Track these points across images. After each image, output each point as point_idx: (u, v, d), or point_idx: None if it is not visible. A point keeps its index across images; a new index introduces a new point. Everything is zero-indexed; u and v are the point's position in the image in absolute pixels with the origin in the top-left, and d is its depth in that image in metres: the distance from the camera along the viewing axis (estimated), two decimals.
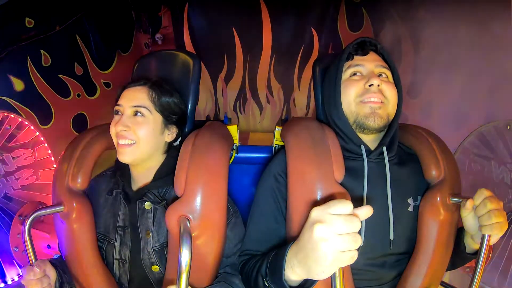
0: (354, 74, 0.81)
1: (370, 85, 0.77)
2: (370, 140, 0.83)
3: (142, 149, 0.81)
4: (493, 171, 1.31)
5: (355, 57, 0.83)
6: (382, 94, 0.78)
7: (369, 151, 0.81)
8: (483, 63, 1.37)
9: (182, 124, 0.91)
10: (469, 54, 1.43)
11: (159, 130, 0.84)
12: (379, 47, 0.84)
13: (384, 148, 0.80)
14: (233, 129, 1.05)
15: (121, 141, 0.80)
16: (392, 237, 0.76)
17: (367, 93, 0.77)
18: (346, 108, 0.81)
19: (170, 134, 0.87)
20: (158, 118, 0.84)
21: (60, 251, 0.88)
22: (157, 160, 0.86)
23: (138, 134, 0.80)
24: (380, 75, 0.80)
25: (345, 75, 0.83)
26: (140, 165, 0.85)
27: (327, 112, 0.87)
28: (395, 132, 0.83)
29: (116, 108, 0.83)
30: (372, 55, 0.83)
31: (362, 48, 0.83)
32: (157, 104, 0.83)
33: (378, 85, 0.77)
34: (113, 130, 0.82)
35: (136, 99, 0.82)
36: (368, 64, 0.81)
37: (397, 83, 0.83)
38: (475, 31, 1.39)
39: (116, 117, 0.83)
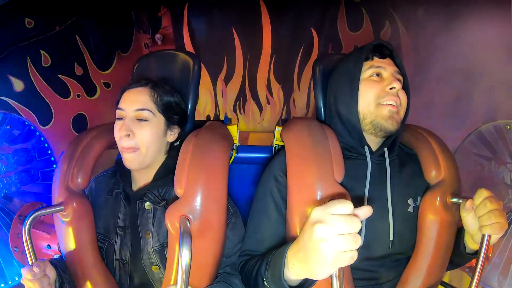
0: (376, 74, 0.81)
1: (391, 88, 0.77)
2: (373, 141, 0.83)
3: (147, 153, 0.81)
4: (493, 171, 1.30)
5: (375, 58, 0.83)
6: (399, 99, 0.78)
7: (371, 152, 0.81)
8: (483, 62, 1.37)
9: (183, 124, 0.91)
10: (469, 54, 1.43)
11: (162, 132, 0.84)
12: (394, 53, 0.84)
13: (386, 149, 0.81)
14: (233, 129, 1.05)
15: (125, 147, 0.79)
16: (391, 238, 0.76)
17: (387, 96, 0.77)
18: (364, 108, 0.80)
19: (172, 134, 0.87)
20: (161, 119, 0.83)
21: (60, 251, 0.88)
22: (158, 160, 0.86)
23: (142, 139, 0.80)
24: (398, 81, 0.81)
25: (365, 74, 0.82)
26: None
27: (335, 108, 0.85)
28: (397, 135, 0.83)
29: (118, 112, 0.82)
30: (389, 60, 0.83)
31: (380, 51, 0.83)
32: (160, 104, 0.83)
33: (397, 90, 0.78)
34: (117, 135, 0.81)
35: (138, 102, 0.81)
36: (388, 67, 0.81)
37: (406, 90, 0.82)
38: (474, 30, 1.39)
39: (119, 122, 0.81)
